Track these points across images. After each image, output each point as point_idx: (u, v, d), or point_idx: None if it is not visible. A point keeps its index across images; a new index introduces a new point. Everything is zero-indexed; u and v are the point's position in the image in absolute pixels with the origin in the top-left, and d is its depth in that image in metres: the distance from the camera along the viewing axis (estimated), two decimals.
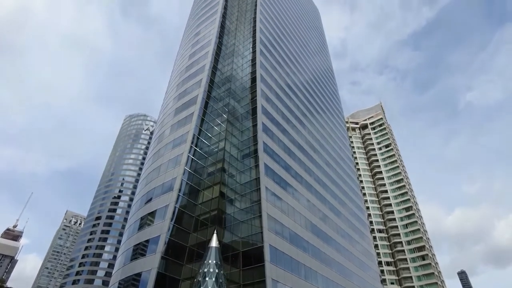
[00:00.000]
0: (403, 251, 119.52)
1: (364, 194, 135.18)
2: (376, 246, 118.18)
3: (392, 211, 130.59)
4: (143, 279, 34.59)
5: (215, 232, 38.74)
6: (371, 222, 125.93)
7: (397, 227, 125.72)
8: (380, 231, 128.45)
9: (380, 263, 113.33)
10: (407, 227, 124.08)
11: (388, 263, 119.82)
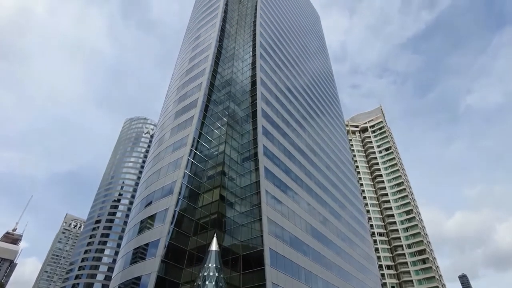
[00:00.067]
0: (404, 254, 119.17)
1: (364, 197, 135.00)
2: (377, 250, 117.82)
3: (393, 214, 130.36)
4: (143, 283, 34.46)
5: (215, 235, 38.65)
6: (371, 226, 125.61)
7: (397, 230, 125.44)
8: (381, 234, 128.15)
9: (380, 266, 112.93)
10: (407, 230, 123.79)
11: (388, 267, 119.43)
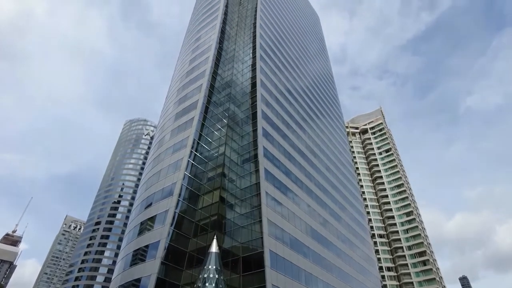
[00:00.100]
0: (404, 256, 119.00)
1: (364, 199, 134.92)
2: (377, 251, 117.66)
3: (393, 216, 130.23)
4: (142, 284, 34.42)
5: (215, 237, 38.63)
6: (371, 227, 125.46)
7: (397, 232, 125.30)
8: (381, 236, 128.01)
9: (381, 268, 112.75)
10: (407, 232, 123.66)
11: (389, 269, 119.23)
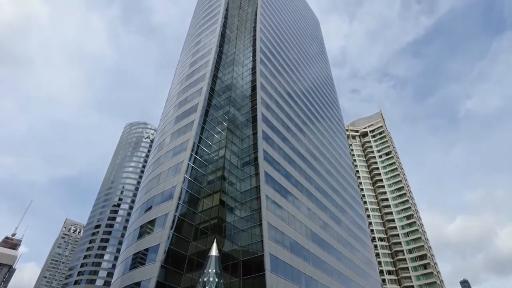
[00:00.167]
0: (405, 259, 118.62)
1: (364, 202, 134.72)
2: (377, 255, 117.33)
3: (393, 219, 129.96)
4: None
5: (215, 240, 38.53)
6: (372, 231, 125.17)
7: (398, 235, 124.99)
8: (381, 239, 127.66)
9: (381, 272, 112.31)
10: (408, 235, 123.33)
11: (389, 272, 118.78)
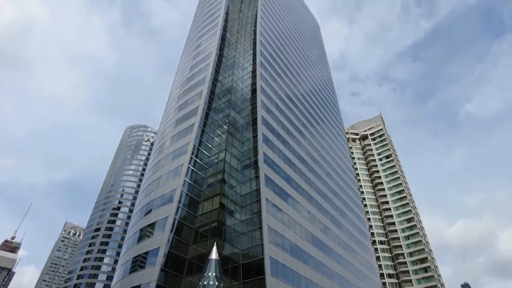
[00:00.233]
0: (405, 263, 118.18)
1: (365, 205, 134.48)
2: (378, 258, 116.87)
3: (394, 222, 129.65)
4: None
5: (215, 244, 38.42)
6: (372, 234, 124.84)
7: (398, 238, 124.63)
8: (382, 242, 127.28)
9: (382, 275, 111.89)
10: (408, 238, 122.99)
11: (390, 275, 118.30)
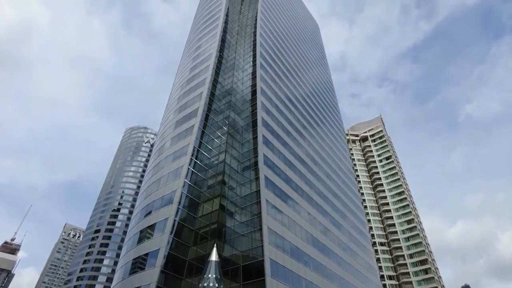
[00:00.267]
0: (406, 264, 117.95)
1: (365, 206, 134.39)
2: (378, 260, 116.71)
3: (394, 223, 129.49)
4: None
5: (215, 245, 38.37)
6: (372, 235, 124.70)
7: (399, 240, 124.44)
8: (382, 244, 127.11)
9: (382, 277, 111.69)
10: (409, 240, 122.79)
11: (390, 277, 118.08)
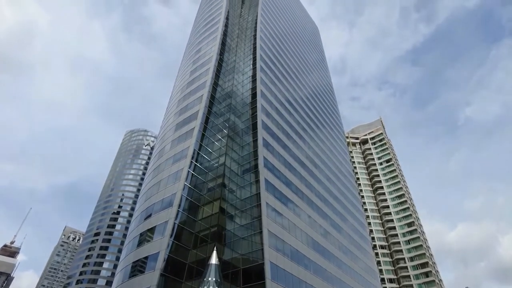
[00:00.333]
0: (406, 267, 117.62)
1: (365, 209, 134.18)
2: (379, 263, 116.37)
3: (394, 226, 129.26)
4: None
5: (215, 248, 38.27)
6: (372, 238, 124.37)
7: (399, 243, 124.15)
8: (382, 247, 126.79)
9: (382, 280, 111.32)
10: (409, 243, 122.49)
11: (391, 280, 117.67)
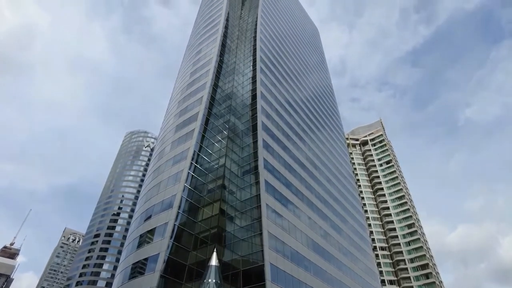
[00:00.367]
0: (406, 269, 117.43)
1: (365, 211, 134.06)
2: (379, 264, 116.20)
3: (394, 228, 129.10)
4: None
5: (215, 250, 38.24)
6: (373, 240, 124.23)
7: (399, 244, 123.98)
8: (383, 248, 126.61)
9: (383, 281, 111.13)
10: (409, 244, 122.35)
11: (391, 282, 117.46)
